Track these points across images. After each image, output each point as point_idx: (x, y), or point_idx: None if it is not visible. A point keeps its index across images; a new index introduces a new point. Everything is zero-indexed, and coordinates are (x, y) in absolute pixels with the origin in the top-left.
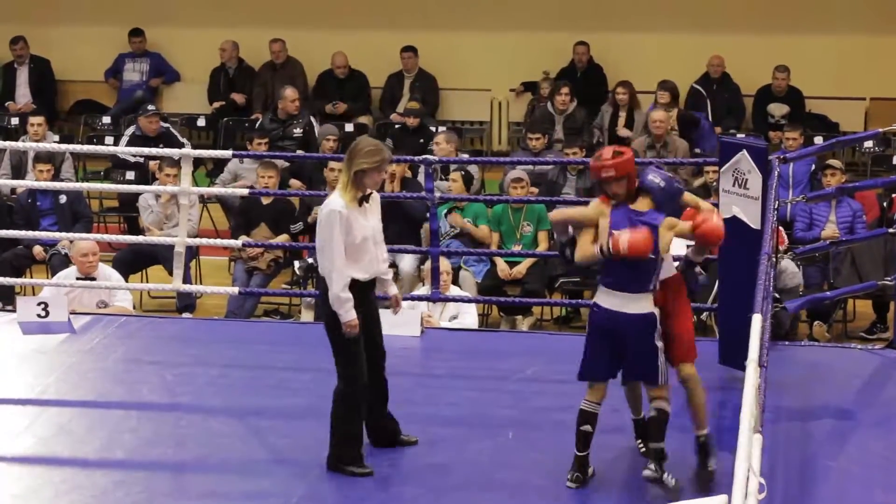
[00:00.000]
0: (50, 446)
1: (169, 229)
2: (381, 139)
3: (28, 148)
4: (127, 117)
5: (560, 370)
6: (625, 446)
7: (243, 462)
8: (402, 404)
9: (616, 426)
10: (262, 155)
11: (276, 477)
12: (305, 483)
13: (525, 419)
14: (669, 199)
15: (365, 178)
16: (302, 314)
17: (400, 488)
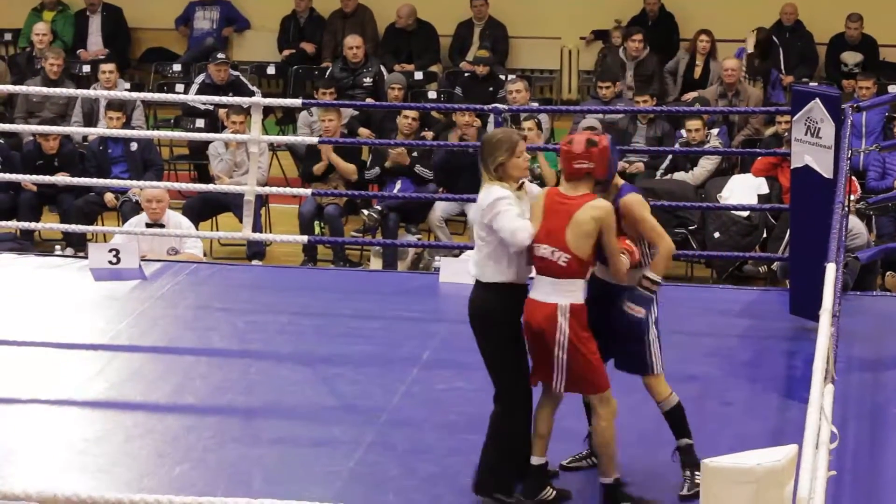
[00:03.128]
0: (122, 391)
1: (238, 177)
2: (451, 88)
3: (99, 95)
4: (197, 65)
5: None
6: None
7: (312, 409)
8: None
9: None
10: (331, 104)
11: (344, 424)
12: (374, 430)
13: None
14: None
15: (508, 168)
16: (371, 262)
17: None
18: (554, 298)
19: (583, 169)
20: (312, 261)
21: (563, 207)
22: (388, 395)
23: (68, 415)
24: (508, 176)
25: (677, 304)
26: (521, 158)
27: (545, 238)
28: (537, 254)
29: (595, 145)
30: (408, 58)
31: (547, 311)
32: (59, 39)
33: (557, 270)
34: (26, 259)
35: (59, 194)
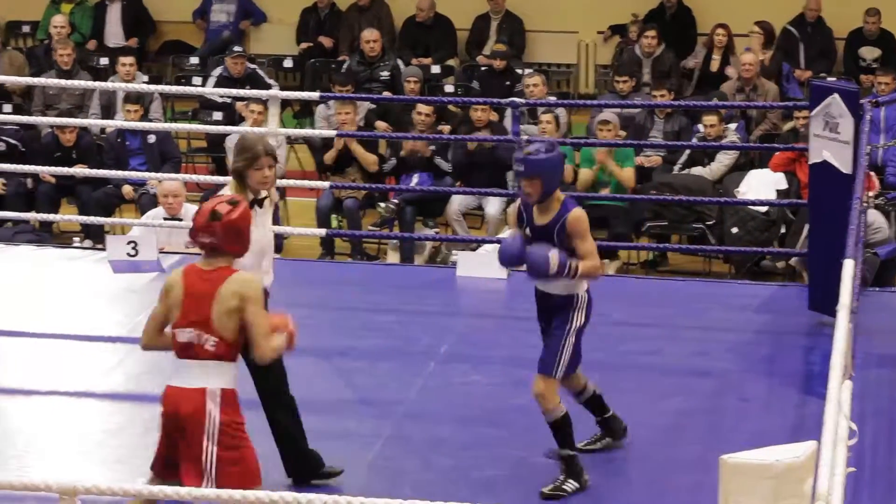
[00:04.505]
0: (140, 383)
1: None
2: (468, 82)
3: (117, 88)
4: (214, 58)
5: (645, 314)
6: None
7: (329, 402)
8: (486, 346)
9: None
10: (349, 97)
11: (362, 417)
12: (391, 423)
13: (610, 362)
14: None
15: (246, 178)
16: (388, 256)
17: (485, 430)
18: (202, 383)
19: (205, 243)
20: (330, 254)
21: (205, 285)
22: (405, 389)
23: (87, 406)
24: (247, 185)
25: (695, 299)
26: (260, 171)
27: (187, 320)
28: (179, 339)
29: (218, 218)
30: (425, 52)
31: (193, 396)
32: (77, 31)
33: (204, 355)
34: (45, 251)
35: (77, 186)
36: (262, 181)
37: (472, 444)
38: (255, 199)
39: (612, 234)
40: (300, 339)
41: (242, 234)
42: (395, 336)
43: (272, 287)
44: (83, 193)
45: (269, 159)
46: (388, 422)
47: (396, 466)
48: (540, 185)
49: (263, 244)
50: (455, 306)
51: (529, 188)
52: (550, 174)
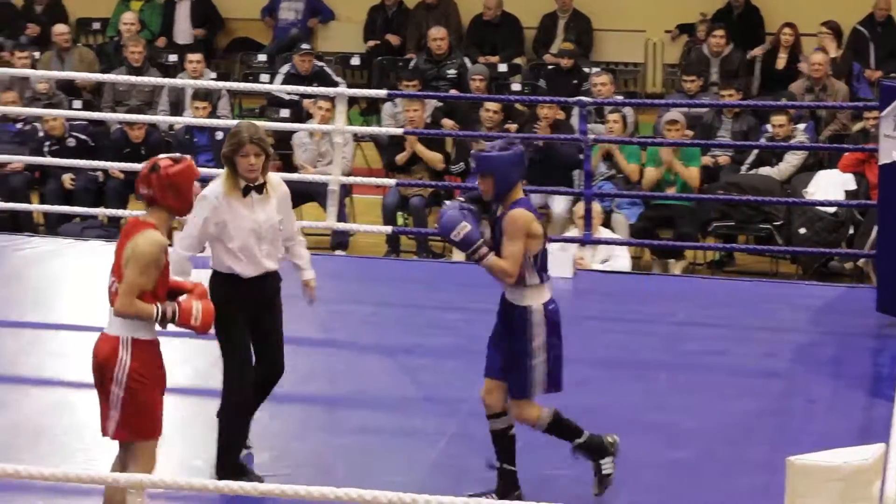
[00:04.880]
0: (206, 379)
1: (323, 167)
2: (534, 80)
3: (185, 84)
4: (282, 55)
5: (712, 314)
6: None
7: (395, 399)
8: None
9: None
10: (415, 95)
11: (427, 415)
12: (456, 421)
13: (676, 362)
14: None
15: (235, 164)
16: (453, 254)
17: None
18: (116, 331)
19: (143, 195)
20: (395, 252)
21: (126, 233)
22: (470, 387)
23: None
24: (236, 171)
25: (762, 299)
26: (245, 158)
27: (112, 268)
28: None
29: (156, 170)
30: (492, 50)
31: (109, 342)
32: (147, 28)
33: (114, 301)
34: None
35: None
36: (247, 168)
37: (535, 443)
38: (250, 185)
39: (678, 233)
40: (366, 336)
41: (180, 190)
42: (461, 334)
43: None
44: None
45: (254, 147)
46: (452, 420)
47: (460, 465)
48: (492, 182)
49: (263, 230)
50: None
51: (483, 185)
52: (503, 172)
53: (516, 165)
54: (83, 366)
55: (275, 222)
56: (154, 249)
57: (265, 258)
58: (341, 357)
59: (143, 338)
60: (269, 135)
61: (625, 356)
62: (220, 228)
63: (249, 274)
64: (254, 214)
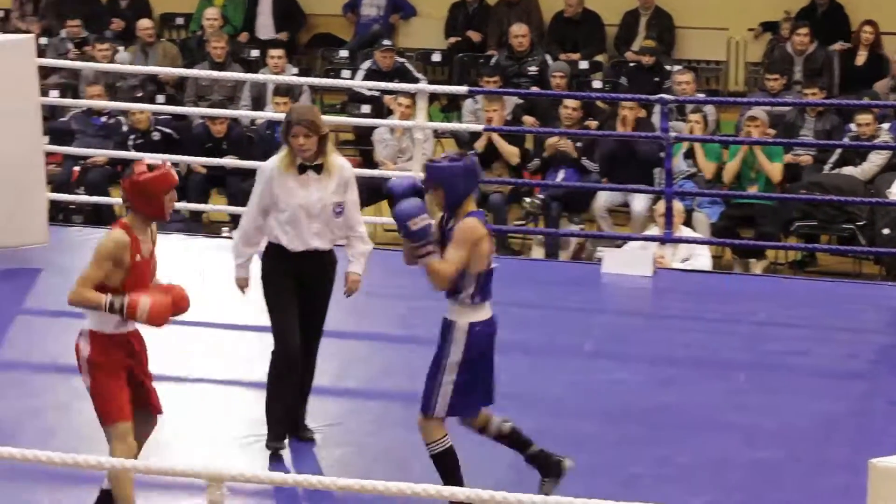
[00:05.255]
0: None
1: (403, 163)
2: (615, 78)
3: (267, 80)
4: (363, 52)
5: (793, 315)
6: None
7: None
8: (632, 344)
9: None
10: (496, 91)
11: (504, 412)
12: (534, 419)
13: (758, 362)
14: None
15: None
16: (533, 251)
17: (629, 427)
18: (85, 322)
19: (122, 198)
20: None
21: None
22: (548, 385)
23: (233, 395)
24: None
25: (844, 300)
26: (295, 139)
27: None
28: None
29: (128, 176)
30: (573, 47)
31: (79, 334)
32: (230, 24)
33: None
34: (194, 240)
35: (226, 177)
36: (298, 148)
37: (615, 441)
38: (305, 164)
39: (759, 233)
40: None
41: (151, 196)
42: (540, 332)
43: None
44: (232, 184)
45: (301, 128)
46: (530, 417)
47: None
48: (442, 193)
49: (313, 208)
50: (600, 303)
51: (433, 196)
52: (452, 183)
53: (465, 177)
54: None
55: (328, 203)
56: (111, 246)
57: (313, 236)
58: (420, 353)
59: (100, 331)
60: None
61: (705, 355)
62: (273, 200)
63: (295, 248)
64: (306, 192)
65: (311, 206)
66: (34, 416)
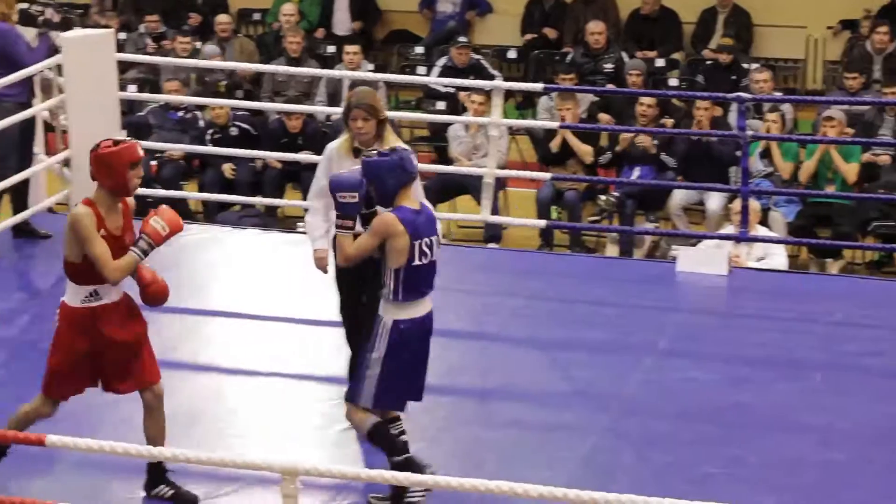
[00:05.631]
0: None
1: (477, 160)
2: (692, 76)
3: (343, 76)
4: (439, 48)
5: (870, 315)
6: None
7: (546, 393)
8: (706, 343)
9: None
10: (571, 89)
11: (577, 409)
12: (607, 416)
13: (833, 362)
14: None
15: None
16: (607, 248)
17: (703, 427)
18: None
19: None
20: (549, 245)
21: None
22: (621, 383)
23: (307, 390)
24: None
25: None
26: (353, 122)
27: None
28: None
29: (94, 150)
30: (650, 45)
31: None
32: (306, 19)
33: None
34: (269, 235)
35: (302, 172)
36: (356, 131)
37: (688, 440)
38: (360, 148)
39: (836, 232)
40: (518, 329)
41: (112, 170)
42: (614, 329)
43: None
44: (308, 179)
45: (359, 111)
46: (604, 415)
47: (610, 461)
48: (374, 187)
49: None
50: (674, 301)
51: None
52: (380, 178)
53: (393, 172)
54: (238, 352)
55: None
56: (82, 220)
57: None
58: (493, 350)
59: (69, 303)
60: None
61: (780, 355)
62: None
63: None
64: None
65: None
66: (111, 408)
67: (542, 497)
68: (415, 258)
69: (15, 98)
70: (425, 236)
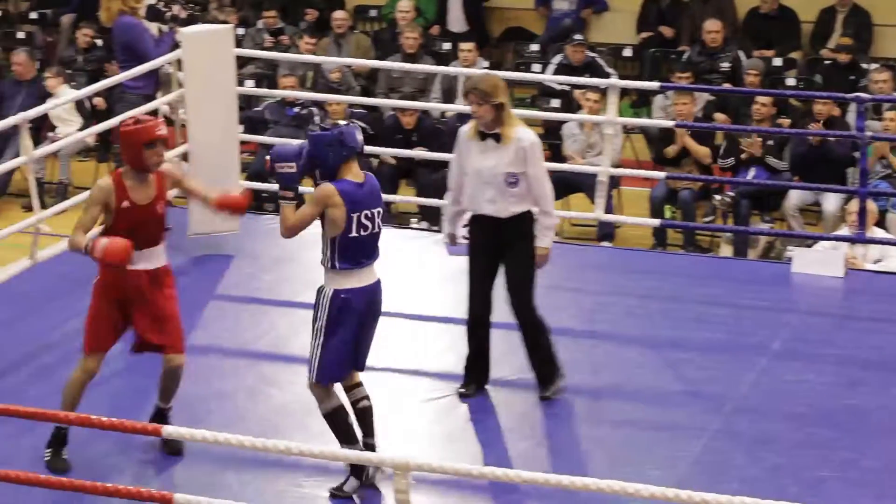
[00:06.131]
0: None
1: (591, 158)
2: (810, 75)
3: (457, 73)
4: (554, 46)
5: None
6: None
7: (657, 392)
8: (821, 344)
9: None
10: (687, 87)
11: (689, 409)
12: (720, 417)
13: None
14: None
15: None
16: (721, 248)
17: (816, 429)
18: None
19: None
20: (662, 245)
21: None
22: (734, 383)
23: (420, 385)
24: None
25: None
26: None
27: None
28: None
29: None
30: (767, 43)
31: None
32: (422, 16)
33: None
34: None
35: (416, 168)
36: (473, 115)
37: (801, 442)
38: (483, 132)
39: None
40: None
41: (130, 146)
42: (727, 329)
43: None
44: (422, 176)
45: (473, 96)
46: (716, 416)
47: (722, 461)
48: (316, 161)
49: (485, 175)
50: (789, 302)
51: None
52: (320, 151)
53: (332, 146)
54: None
55: (500, 171)
56: (95, 191)
57: (486, 202)
58: (605, 348)
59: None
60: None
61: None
62: (460, 164)
63: (474, 210)
64: (482, 159)
65: (484, 172)
66: (224, 400)
67: (654, 497)
68: (352, 230)
69: (141, 91)
70: (366, 209)
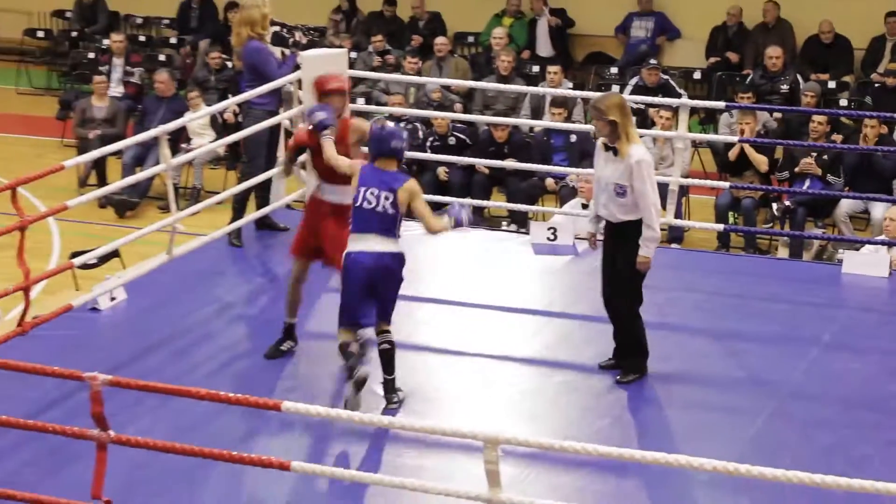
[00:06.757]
0: (554, 352)
1: (663, 169)
2: (861, 97)
3: (546, 92)
4: (631, 69)
5: None
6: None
7: (721, 378)
8: (867, 337)
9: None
10: (749, 107)
11: (749, 393)
12: (775, 401)
13: None
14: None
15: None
16: (779, 250)
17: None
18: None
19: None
20: (725, 247)
21: None
22: (789, 371)
23: (507, 369)
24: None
25: None
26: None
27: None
28: None
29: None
30: (823, 68)
31: None
32: (514, 42)
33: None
34: (477, 233)
35: (507, 177)
36: (596, 128)
37: (849, 424)
38: (608, 145)
39: None
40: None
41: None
42: (783, 323)
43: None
44: (512, 184)
45: (592, 112)
46: (772, 400)
47: (777, 440)
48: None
49: (601, 183)
50: (839, 300)
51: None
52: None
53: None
54: (446, 335)
55: (612, 181)
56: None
57: (602, 206)
58: (675, 338)
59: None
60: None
61: None
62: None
63: (598, 211)
64: (604, 168)
65: (602, 180)
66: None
67: (716, 470)
68: (358, 200)
69: (265, 107)
70: (372, 187)
